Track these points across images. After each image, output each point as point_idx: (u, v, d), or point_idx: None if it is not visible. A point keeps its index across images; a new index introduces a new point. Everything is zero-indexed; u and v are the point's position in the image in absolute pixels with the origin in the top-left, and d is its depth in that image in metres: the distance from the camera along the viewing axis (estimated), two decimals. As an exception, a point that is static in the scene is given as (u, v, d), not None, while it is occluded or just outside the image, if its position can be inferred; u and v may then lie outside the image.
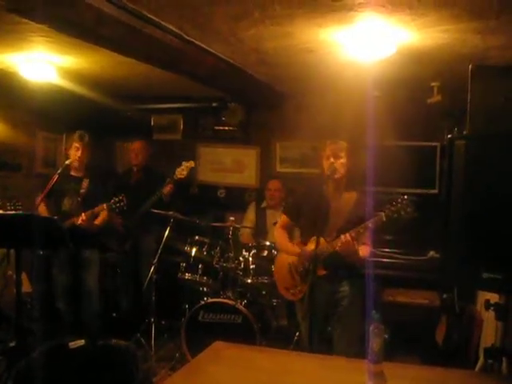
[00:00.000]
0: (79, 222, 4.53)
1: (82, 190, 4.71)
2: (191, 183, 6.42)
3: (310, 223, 3.62)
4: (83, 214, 4.54)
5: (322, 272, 3.52)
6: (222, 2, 2.84)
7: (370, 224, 3.35)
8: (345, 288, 3.58)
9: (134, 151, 5.65)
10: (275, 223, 5.06)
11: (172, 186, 5.16)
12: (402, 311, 4.77)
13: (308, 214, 3.67)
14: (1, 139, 5.36)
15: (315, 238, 3.34)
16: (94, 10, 2.83)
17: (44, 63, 4.43)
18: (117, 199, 4.56)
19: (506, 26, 3.05)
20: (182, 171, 5.13)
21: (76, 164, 4.74)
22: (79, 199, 4.68)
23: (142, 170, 5.67)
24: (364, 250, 3.49)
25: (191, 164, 5.18)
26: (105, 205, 4.58)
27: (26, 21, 3.02)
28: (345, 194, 3.64)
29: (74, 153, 4.71)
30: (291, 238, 4.00)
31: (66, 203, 4.70)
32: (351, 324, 3.50)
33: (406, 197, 3.31)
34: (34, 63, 4.39)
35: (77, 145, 4.71)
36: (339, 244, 3.36)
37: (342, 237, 3.35)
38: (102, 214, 4.75)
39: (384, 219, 3.31)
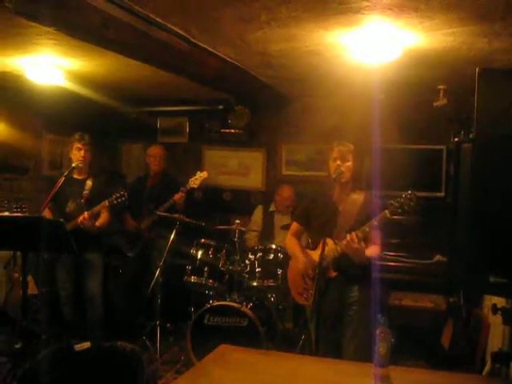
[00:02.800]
0: (80, 219, 4.49)
1: (85, 192, 4.69)
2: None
3: (319, 227, 3.61)
4: (85, 213, 4.51)
5: (332, 274, 3.51)
6: (229, 4, 2.84)
7: (375, 222, 3.32)
8: (355, 293, 3.55)
9: (154, 156, 5.61)
10: (283, 227, 5.07)
11: (184, 194, 5.16)
12: (408, 315, 4.75)
13: (317, 219, 3.67)
14: (8, 142, 5.38)
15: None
16: (101, 13, 2.84)
17: (51, 66, 4.44)
18: (118, 194, 4.54)
19: (511, 29, 3.04)
20: (195, 180, 5.14)
21: (81, 165, 4.70)
22: (83, 201, 4.67)
23: (160, 175, 5.66)
24: (372, 250, 3.46)
25: (205, 174, 5.18)
26: (106, 201, 4.55)
27: (33, 24, 3.03)
28: (352, 195, 3.63)
29: (77, 153, 4.67)
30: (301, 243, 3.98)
31: (70, 205, 4.67)
32: (361, 329, 3.48)
33: (409, 192, 3.27)
34: (40, 66, 4.40)
35: (78, 145, 4.67)
36: (344, 243, 3.36)
37: (348, 236, 3.33)
38: (103, 215, 4.73)
39: (388, 215, 3.27)
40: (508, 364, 2.74)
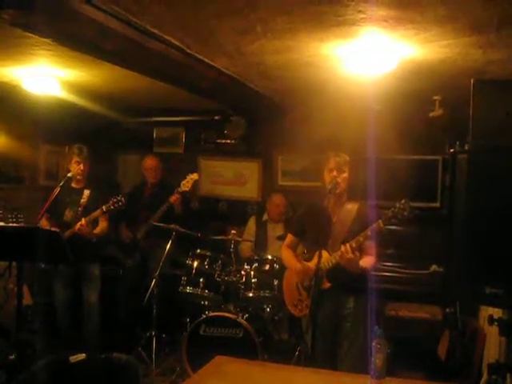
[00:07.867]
0: (78, 226, 4.50)
1: (82, 200, 4.71)
2: (192, 197, 6.40)
3: (314, 238, 3.62)
4: (83, 219, 4.51)
5: (326, 285, 3.50)
6: (225, 16, 2.85)
7: (368, 232, 3.32)
8: (351, 305, 3.55)
9: (148, 169, 5.64)
10: (279, 237, 5.06)
11: (179, 195, 5.15)
12: (404, 326, 4.74)
13: (312, 230, 3.68)
14: (4, 152, 5.37)
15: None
16: (97, 24, 2.84)
17: (47, 77, 4.45)
18: (115, 199, 4.54)
19: (506, 40, 3.06)
20: (186, 183, 5.17)
21: (78, 177, 4.75)
22: (80, 209, 4.68)
23: (157, 185, 5.67)
24: (366, 261, 3.45)
25: (195, 176, 5.21)
26: (103, 207, 4.55)
27: (30, 35, 3.04)
28: (346, 205, 3.63)
29: (76, 167, 4.71)
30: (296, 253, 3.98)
31: (68, 214, 4.70)
32: (358, 340, 3.48)
33: (403, 201, 3.27)
34: (37, 77, 4.41)
35: (77, 159, 4.71)
36: (339, 254, 3.34)
37: (342, 247, 3.32)
38: (102, 223, 4.74)
39: (382, 225, 3.28)
40: (505, 375, 2.73)
